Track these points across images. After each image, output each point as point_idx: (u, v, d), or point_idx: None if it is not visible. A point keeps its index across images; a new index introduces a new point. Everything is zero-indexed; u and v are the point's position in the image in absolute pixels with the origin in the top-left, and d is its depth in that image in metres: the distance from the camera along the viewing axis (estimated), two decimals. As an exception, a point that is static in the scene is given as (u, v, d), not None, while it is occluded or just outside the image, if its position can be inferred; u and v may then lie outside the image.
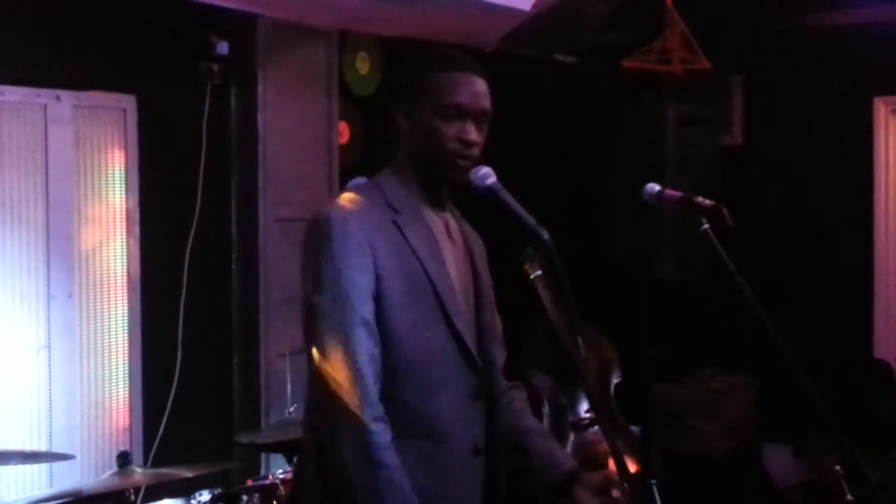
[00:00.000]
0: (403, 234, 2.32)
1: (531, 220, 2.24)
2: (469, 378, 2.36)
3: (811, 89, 5.73)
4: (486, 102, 2.38)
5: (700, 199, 2.86)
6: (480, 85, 2.37)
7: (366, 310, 2.24)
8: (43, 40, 3.89)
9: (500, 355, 2.55)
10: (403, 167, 2.42)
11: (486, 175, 2.33)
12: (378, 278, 2.27)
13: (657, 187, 2.98)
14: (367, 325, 2.24)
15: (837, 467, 3.68)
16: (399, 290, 2.28)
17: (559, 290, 2.20)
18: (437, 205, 2.43)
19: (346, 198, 2.38)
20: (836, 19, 5.64)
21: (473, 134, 2.34)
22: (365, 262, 2.26)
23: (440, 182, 2.40)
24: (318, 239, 2.29)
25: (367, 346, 2.23)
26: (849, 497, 3.58)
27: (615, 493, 2.33)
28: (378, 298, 2.27)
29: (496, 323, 2.55)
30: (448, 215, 2.47)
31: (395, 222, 2.33)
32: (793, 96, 5.78)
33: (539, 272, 2.19)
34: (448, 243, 2.42)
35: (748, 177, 5.66)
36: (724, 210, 2.81)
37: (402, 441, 2.23)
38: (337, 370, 2.22)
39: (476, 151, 2.36)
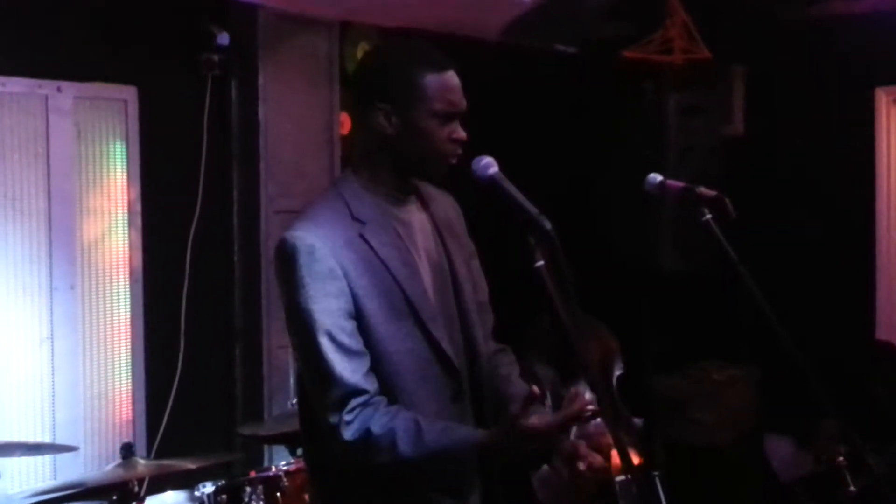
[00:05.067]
0: (371, 248, 2.30)
1: (534, 210, 2.23)
2: (448, 382, 2.36)
3: (813, 79, 5.71)
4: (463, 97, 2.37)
5: (702, 189, 2.86)
6: (458, 80, 2.36)
7: (342, 334, 2.23)
8: (44, 31, 3.88)
9: (487, 321, 2.53)
10: (370, 168, 2.38)
11: (489, 165, 2.32)
12: (354, 297, 2.25)
13: (659, 177, 2.98)
14: (344, 350, 2.23)
15: (841, 458, 3.69)
16: (376, 305, 2.27)
17: (561, 280, 2.20)
18: (404, 197, 2.41)
19: (310, 218, 2.32)
20: (838, 9, 5.63)
21: (462, 132, 2.35)
22: (337, 286, 2.24)
23: (422, 179, 2.41)
24: (286, 269, 2.25)
25: (347, 368, 2.22)
26: (852, 488, 3.59)
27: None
28: (358, 317, 2.26)
29: (481, 288, 2.54)
30: (414, 202, 2.44)
31: (361, 236, 2.30)
32: (794, 86, 5.76)
33: (541, 262, 2.18)
34: (418, 237, 2.40)
35: (750, 167, 5.65)
36: (727, 200, 2.80)
37: None
38: (317, 398, 2.26)
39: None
